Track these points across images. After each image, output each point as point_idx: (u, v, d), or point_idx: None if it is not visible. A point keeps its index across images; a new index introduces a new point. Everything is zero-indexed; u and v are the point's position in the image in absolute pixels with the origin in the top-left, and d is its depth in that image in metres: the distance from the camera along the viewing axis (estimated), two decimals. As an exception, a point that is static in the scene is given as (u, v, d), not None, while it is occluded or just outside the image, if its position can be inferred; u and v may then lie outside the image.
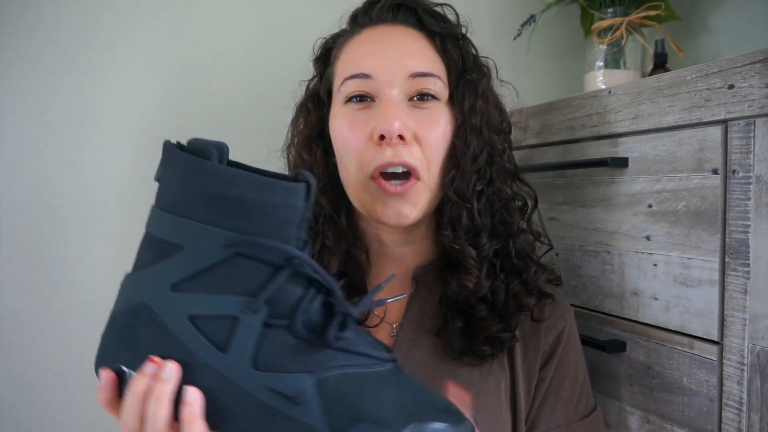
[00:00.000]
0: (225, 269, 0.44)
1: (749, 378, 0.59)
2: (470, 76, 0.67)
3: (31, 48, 0.86)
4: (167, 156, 0.46)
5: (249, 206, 0.44)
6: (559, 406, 0.68)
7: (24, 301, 0.87)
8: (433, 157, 0.64)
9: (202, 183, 0.44)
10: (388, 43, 0.66)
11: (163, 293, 0.45)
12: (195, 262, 0.44)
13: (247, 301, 0.44)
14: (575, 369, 0.70)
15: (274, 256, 0.44)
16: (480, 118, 0.66)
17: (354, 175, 0.65)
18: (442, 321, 0.67)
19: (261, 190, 0.44)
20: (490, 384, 0.66)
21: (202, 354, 0.44)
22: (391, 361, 0.47)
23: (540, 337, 0.68)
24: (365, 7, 0.70)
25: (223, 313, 0.44)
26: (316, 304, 0.46)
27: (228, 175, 0.44)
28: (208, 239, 0.44)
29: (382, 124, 0.61)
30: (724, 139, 0.61)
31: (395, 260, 0.71)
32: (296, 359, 0.43)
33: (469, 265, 0.65)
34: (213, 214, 0.44)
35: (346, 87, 0.65)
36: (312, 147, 0.70)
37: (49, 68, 0.87)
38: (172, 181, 0.46)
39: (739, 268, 0.60)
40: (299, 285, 0.45)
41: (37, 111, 0.87)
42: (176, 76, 0.94)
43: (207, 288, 0.44)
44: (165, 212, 0.46)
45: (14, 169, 0.86)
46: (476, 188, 0.65)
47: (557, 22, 1.12)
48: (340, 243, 0.69)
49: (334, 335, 0.44)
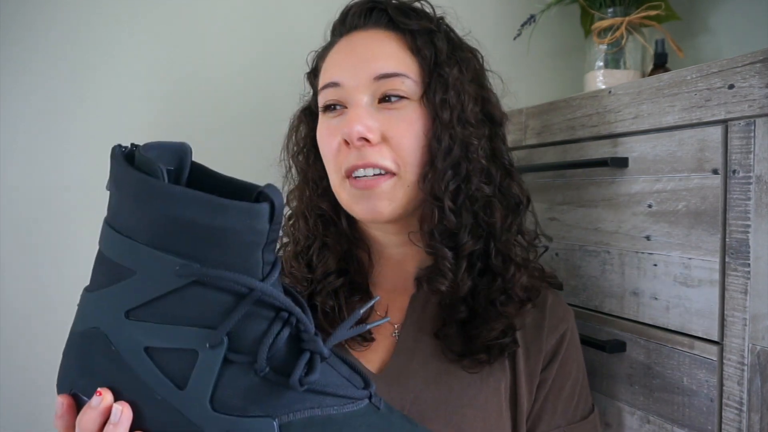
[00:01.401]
0: (181, 298, 0.41)
1: (749, 378, 0.59)
2: (442, 71, 0.65)
3: (31, 49, 0.86)
4: (114, 167, 0.42)
5: (203, 231, 0.39)
6: (560, 407, 0.68)
7: (24, 300, 0.87)
8: (407, 156, 0.63)
9: (149, 203, 0.40)
10: (355, 50, 0.66)
11: (116, 320, 0.42)
12: (148, 289, 0.41)
13: (206, 334, 0.40)
14: (576, 370, 0.70)
15: (231, 285, 0.41)
16: (450, 112, 0.64)
17: (333, 178, 0.67)
18: (441, 323, 0.67)
19: (217, 214, 0.39)
20: (490, 385, 0.66)
21: (159, 389, 0.41)
22: (368, 397, 0.44)
23: (542, 340, 0.68)
24: (341, 17, 0.71)
25: (180, 346, 0.41)
26: (282, 338, 0.42)
27: (177, 195, 0.39)
28: (160, 267, 0.40)
29: (344, 128, 0.63)
30: (724, 139, 0.61)
31: (396, 261, 0.71)
32: (258, 401, 0.40)
33: (444, 267, 0.65)
34: (164, 238, 0.40)
35: (322, 97, 0.67)
36: (308, 155, 0.73)
37: (49, 69, 0.87)
38: (121, 197, 0.42)
39: (739, 268, 0.60)
40: (263, 317, 0.42)
41: (37, 111, 0.87)
42: (175, 79, 0.94)
43: (163, 317, 0.41)
44: (115, 232, 0.42)
45: (14, 169, 0.86)
46: (450, 186, 0.64)
47: (557, 22, 1.12)
48: (340, 242, 0.70)
49: (299, 379, 0.41)
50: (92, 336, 0.43)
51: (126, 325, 0.41)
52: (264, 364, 0.41)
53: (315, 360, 0.42)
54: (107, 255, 0.43)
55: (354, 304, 0.69)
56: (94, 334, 0.43)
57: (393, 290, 0.71)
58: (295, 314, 0.43)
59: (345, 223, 0.71)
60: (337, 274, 0.69)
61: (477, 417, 0.64)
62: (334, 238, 0.70)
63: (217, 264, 0.40)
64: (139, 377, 0.41)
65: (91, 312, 0.43)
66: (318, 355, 0.42)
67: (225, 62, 0.96)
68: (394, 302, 0.70)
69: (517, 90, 0.76)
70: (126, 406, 0.41)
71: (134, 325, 0.41)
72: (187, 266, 0.40)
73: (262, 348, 0.41)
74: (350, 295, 0.69)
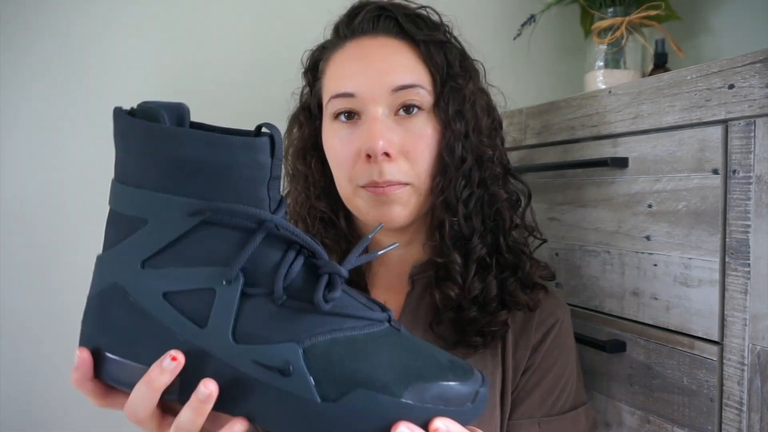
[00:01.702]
0: (194, 240, 0.41)
1: (749, 378, 0.59)
2: (455, 83, 0.66)
3: (30, 49, 0.86)
4: (117, 124, 0.43)
5: (209, 169, 0.40)
6: (536, 398, 0.68)
7: (25, 300, 0.87)
8: (420, 166, 0.65)
9: (155, 148, 0.41)
10: (369, 59, 0.65)
11: (133, 271, 0.42)
12: (161, 235, 0.41)
13: (222, 272, 0.41)
14: (561, 365, 0.70)
15: (244, 220, 0.41)
16: (465, 123, 0.66)
17: (345, 186, 0.67)
18: (435, 313, 0.68)
19: (218, 150, 0.40)
20: None
21: (181, 331, 0.41)
22: (387, 320, 0.44)
23: (530, 334, 0.69)
24: (346, 19, 0.70)
25: (197, 286, 0.41)
26: (297, 266, 0.42)
27: (180, 136, 0.40)
28: (170, 210, 0.41)
29: (368, 143, 0.62)
30: (724, 139, 0.61)
31: (393, 261, 0.72)
32: (280, 328, 0.41)
33: (454, 273, 0.66)
34: (172, 181, 0.41)
35: (333, 105, 0.66)
36: (306, 157, 0.72)
37: (48, 69, 0.87)
38: (126, 150, 0.43)
39: (739, 268, 0.60)
40: (277, 249, 0.42)
41: (36, 111, 0.87)
42: (174, 80, 0.94)
43: (178, 262, 0.42)
44: (123, 185, 0.43)
45: (15, 169, 0.86)
46: (463, 194, 0.65)
47: (557, 22, 1.12)
48: (339, 243, 0.71)
49: (323, 297, 0.41)
50: (110, 292, 0.43)
51: (143, 275, 0.42)
52: (281, 292, 0.41)
53: (335, 279, 0.43)
54: (118, 210, 0.43)
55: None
56: (112, 289, 0.43)
57: (389, 289, 0.72)
58: (308, 244, 0.43)
59: (344, 223, 0.71)
60: None
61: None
62: (334, 239, 0.71)
63: (226, 201, 0.41)
64: (161, 323, 0.41)
65: (108, 270, 0.44)
66: (337, 275, 0.43)
67: (224, 62, 0.96)
68: (389, 301, 0.71)
69: (517, 90, 0.76)
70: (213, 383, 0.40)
71: (151, 273, 0.42)
72: (196, 204, 0.41)
73: (278, 277, 0.41)
74: None
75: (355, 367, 0.40)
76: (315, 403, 0.40)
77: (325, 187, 0.70)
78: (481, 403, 0.42)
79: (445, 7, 0.72)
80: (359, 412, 0.39)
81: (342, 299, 0.43)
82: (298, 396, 0.40)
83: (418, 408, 0.39)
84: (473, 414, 0.42)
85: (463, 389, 0.41)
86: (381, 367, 0.40)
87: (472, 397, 0.41)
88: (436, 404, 0.40)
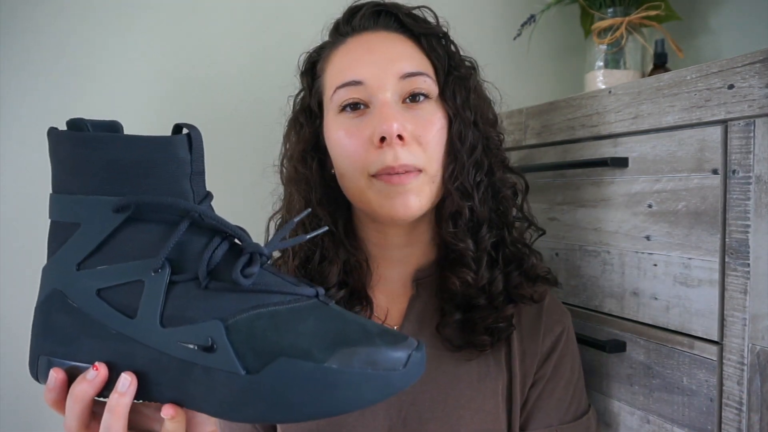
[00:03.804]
0: (124, 237, 0.44)
1: (749, 378, 0.59)
2: (459, 72, 0.68)
3: (30, 49, 0.86)
4: (50, 140, 0.46)
5: (131, 168, 0.43)
6: (552, 406, 0.68)
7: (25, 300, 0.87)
8: (432, 152, 0.65)
9: (81, 154, 0.44)
10: (375, 48, 0.66)
11: (70, 275, 0.44)
12: (93, 236, 0.44)
13: (149, 263, 0.43)
14: (571, 371, 0.70)
15: (168, 213, 0.44)
16: (473, 111, 0.67)
17: (356, 179, 0.65)
18: (440, 317, 0.67)
19: (138, 149, 0.43)
20: (488, 386, 0.66)
21: (113, 324, 0.43)
22: (316, 296, 0.45)
23: (538, 342, 0.69)
24: (346, 17, 0.70)
25: (127, 280, 0.43)
26: (221, 251, 0.44)
27: (102, 140, 0.43)
28: (99, 210, 0.43)
29: (381, 125, 0.61)
30: (724, 139, 0.61)
31: (396, 263, 0.71)
32: (204, 308, 0.42)
33: (469, 259, 0.66)
34: (99, 183, 0.43)
35: (339, 96, 0.65)
36: (306, 160, 0.70)
37: (48, 69, 0.87)
38: (58, 161, 0.46)
39: (739, 268, 0.60)
40: (202, 237, 0.44)
41: (36, 111, 0.87)
42: (174, 80, 0.94)
43: (110, 259, 0.44)
44: (58, 194, 0.45)
45: (15, 168, 0.86)
46: (475, 180, 0.66)
47: (557, 22, 1.12)
48: (338, 252, 0.69)
49: (241, 272, 0.42)
50: (51, 298, 0.45)
51: (78, 277, 0.44)
52: (205, 274, 0.43)
53: (254, 257, 0.43)
54: (56, 219, 0.46)
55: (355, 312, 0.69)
56: (53, 296, 0.45)
57: (392, 293, 0.71)
58: (232, 230, 0.44)
59: (342, 231, 0.70)
60: (338, 287, 0.69)
61: (474, 418, 0.64)
62: (333, 248, 0.69)
63: None
64: (95, 319, 0.43)
65: (48, 278, 0.46)
66: (257, 253, 0.44)
67: (223, 64, 0.96)
68: (393, 304, 0.71)
69: (517, 90, 0.77)
70: (133, 377, 0.42)
71: (85, 274, 0.44)
72: (121, 200, 0.43)
73: (202, 260, 0.43)
74: (350, 305, 0.69)
75: (276, 337, 0.41)
76: (239, 376, 0.40)
77: (325, 193, 0.70)
78: (415, 366, 0.41)
79: (445, 7, 0.72)
80: (283, 381, 0.39)
81: (267, 278, 0.44)
82: (223, 371, 0.40)
83: (343, 373, 0.39)
84: (406, 378, 0.41)
85: (394, 353, 0.40)
86: (304, 335, 0.41)
87: (404, 361, 0.40)
88: (363, 368, 0.39)
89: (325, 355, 0.39)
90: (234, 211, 0.60)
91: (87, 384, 0.42)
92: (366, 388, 0.39)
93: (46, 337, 0.45)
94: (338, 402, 0.39)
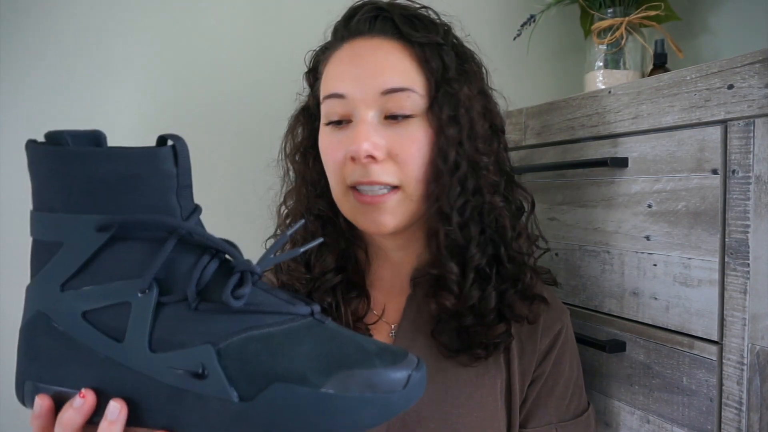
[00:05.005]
0: (108, 256, 0.41)
1: (749, 378, 0.60)
2: (450, 87, 0.64)
3: (31, 49, 0.86)
4: (28, 154, 0.43)
5: (114, 183, 0.40)
6: (552, 404, 0.68)
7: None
8: (411, 171, 0.63)
9: (61, 170, 0.41)
10: (361, 60, 0.64)
11: (54, 296, 0.42)
12: (76, 255, 0.41)
13: (136, 284, 0.40)
14: (570, 369, 0.70)
15: (153, 231, 0.41)
16: (460, 129, 0.64)
17: (336, 188, 0.66)
18: (437, 321, 0.67)
19: (120, 163, 0.40)
20: (486, 384, 0.66)
21: (100, 349, 0.41)
22: (311, 314, 0.43)
23: (537, 339, 0.69)
24: (344, 20, 0.69)
25: (113, 301, 0.41)
26: (210, 269, 0.42)
27: (82, 155, 0.41)
28: (81, 229, 0.41)
29: (350, 146, 0.62)
30: (723, 139, 0.61)
31: (393, 262, 0.72)
32: (194, 332, 0.40)
33: (450, 283, 0.64)
34: (81, 200, 0.41)
35: (325, 107, 0.66)
36: (306, 156, 0.72)
37: (48, 70, 0.87)
38: (37, 177, 0.43)
39: (738, 268, 0.60)
40: (191, 254, 0.42)
41: (37, 111, 0.87)
42: (174, 80, 0.94)
43: (94, 280, 0.41)
44: (39, 212, 0.43)
45: (15, 168, 0.86)
46: (457, 202, 0.64)
47: (557, 22, 1.12)
48: (338, 241, 0.70)
49: (231, 293, 0.40)
50: (35, 321, 0.43)
51: (62, 299, 0.42)
52: (194, 295, 0.41)
53: (246, 276, 0.42)
54: (37, 238, 0.44)
55: (351, 301, 0.69)
56: (37, 318, 0.43)
57: (390, 290, 0.72)
58: (222, 247, 0.42)
59: (343, 222, 0.70)
60: (335, 272, 0.69)
61: (473, 416, 0.64)
62: (333, 237, 0.70)
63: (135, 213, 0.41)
64: (81, 343, 0.41)
65: (32, 299, 0.44)
66: (249, 272, 0.42)
67: (223, 63, 0.96)
68: (391, 302, 0.71)
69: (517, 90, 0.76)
70: (123, 404, 0.41)
71: (70, 296, 0.42)
72: (104, 218, 0.41)
73: (191, 281, 0.41)
74: (347, 292, 0.69)
75: (271, 362, 0.39)
76: (232, 403, 0.38)
77: (325, 186, 0.70)
78: (415, 387, 0.40)
79: (445, 7, 0.72)
80: (278, 408, 0.38)
81: (260, 297, 0.42)
82: (216, 398, 0.39)
83: (341, 398, 0.38)
84: (406, 400, 0.39)
85: (393, 374, 0.39)
86: (299, 358, 0.39)
87: (404, 382, 0.39)
88: (361, 392, 0.38)
89: (321, 379, 0.38)
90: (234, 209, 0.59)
91: (74, 411, 0.41)
92: (365, 413, 0.38)
93: (32, 362, 0.43)
94: (336, 428, 0.38)
